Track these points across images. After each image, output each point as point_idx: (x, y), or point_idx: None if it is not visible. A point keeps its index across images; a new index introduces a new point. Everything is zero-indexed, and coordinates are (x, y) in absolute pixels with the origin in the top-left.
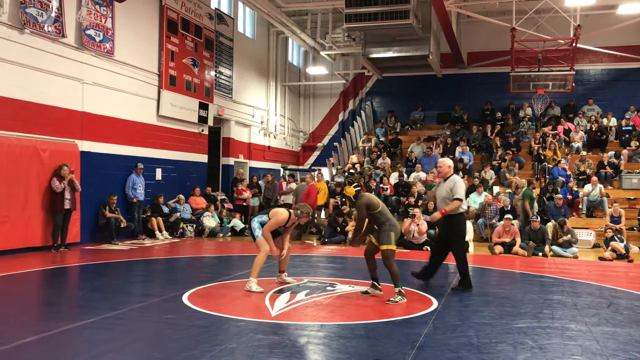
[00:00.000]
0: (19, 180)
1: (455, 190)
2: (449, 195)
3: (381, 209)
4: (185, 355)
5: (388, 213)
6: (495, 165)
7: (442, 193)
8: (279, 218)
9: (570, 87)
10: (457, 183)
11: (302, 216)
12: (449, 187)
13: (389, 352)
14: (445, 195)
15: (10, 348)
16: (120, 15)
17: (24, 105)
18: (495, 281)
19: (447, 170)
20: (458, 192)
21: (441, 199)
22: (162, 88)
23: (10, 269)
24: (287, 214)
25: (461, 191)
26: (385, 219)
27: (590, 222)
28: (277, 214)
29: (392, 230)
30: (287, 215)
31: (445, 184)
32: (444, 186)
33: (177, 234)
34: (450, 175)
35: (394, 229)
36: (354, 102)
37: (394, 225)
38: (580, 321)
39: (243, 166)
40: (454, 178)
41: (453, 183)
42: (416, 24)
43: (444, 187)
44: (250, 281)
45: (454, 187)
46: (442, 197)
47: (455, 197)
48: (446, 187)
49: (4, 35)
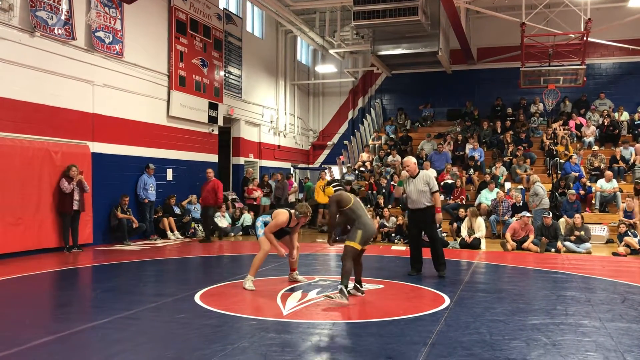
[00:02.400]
0: (32, 182)
1: (433, 184)
2: (426, 189)
3: (352, 206)
4: (198, 355)
5: (360, 211)
6: (506, 161)
7: (419, 187)
8: (279, 220)
9: (582, 82)
10: (430, 177)
11: (301, 216)
12: (425, 182)
13: (401, 350)
14: (422, 188)
15: (26, 348)
16: (130, 17)
17: (36, 107)
18: (507, 278)
19: (414, 167)
20: (435, 186)
21: (418, 193)
22: (172, 89)
23: (25, 270)
24: (287, 215)
25: (436, 183)
26: (355, 216)
27: (604, 217)
28: (278, 216)
29: (360, 228)
30: (288, 216)
31: (418, 179)
32: (417, 181)
33: (188, 234)
34: (418, 172)
35: (364, 227)
36: (364, 100)
37: (364, 224)
38: (594, 317)
39: (253, 165)
40: (426, 172)
41: (428, 177)
42: (425, 20)
43: (418, 182)
44: (247, 278)
45: (431, 181)
46: (420, 190)
47: (434, 190)
48: (421, 182)
49: (15, 39)
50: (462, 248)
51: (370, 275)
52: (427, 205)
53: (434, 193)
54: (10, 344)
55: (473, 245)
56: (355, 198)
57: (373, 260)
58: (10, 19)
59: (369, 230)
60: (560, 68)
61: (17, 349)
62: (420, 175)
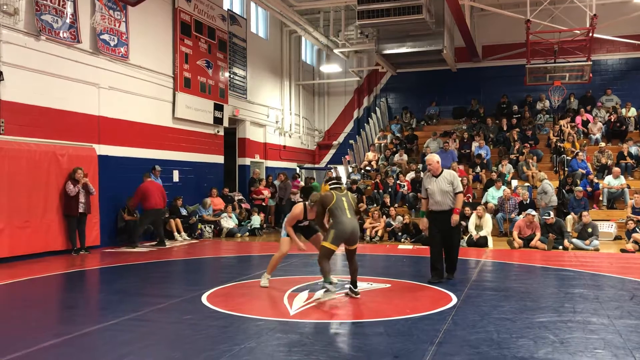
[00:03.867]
0: (39, 185)
1: (457, 184)
2: (450, 189)
3: (332, 207)
4: (205, 356)
5: (338, 211)
6: (512, 158)
7: (442, 187)
8: (295, 212)
9: (588, 78)
10: (455, 176)
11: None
12: (448, 182)
13: (409, 348)
14: (446, 189)
15: (34, 351)
16: (134, 19)
17: (43, 111)
18: (515, 275)
19: (437, 166)
20: (460, 185)
21: (441, 193)
22: (177, 90)
23: (32, 273)
24: (302, 207)
25: (460, 183)
26: (333, 216)
27: (612, 214)
28: (293, 209)
29: (334, 228)
30: (302, 207)
31: (441, 179)
32: (441, 180)
33: (195, 235)
34: (442, 171)
35: (338, 227)
36: (369, 99)
37: (338, 223)
38: (602, 314)
39: (259, 166)
40: (451, 172)
41: (452, 177)
42: (429, 18)
43: (441, 181)
44: (264, 276)
45: (454, 181)
46: (443, 190)
47: (457, 190)
48: (444, 181)
49: (21, 43)
50: (469, 246)
51: (377, 274)
52: (452, 207)
53: (457, 194)
54: (19, 346)
55: (480, 244)
56: (338, 197)
57: (380, 259)
58: (15, 23)
59: (343, 230)
60: (566, 65)
61: (25, 351)
62: (444, 175)
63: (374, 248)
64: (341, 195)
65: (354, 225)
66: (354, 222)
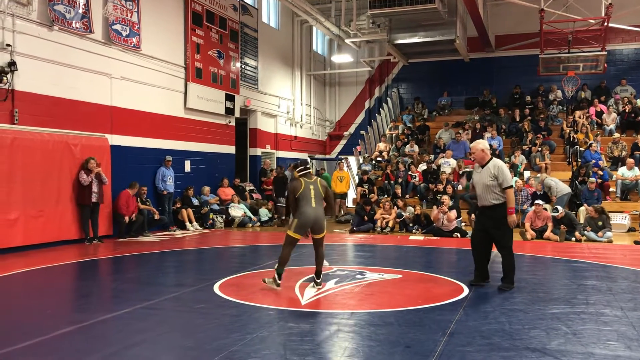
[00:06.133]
0: (52, 175)
1: (503, 178)
2: (493, 183)
3: (299, 195)
4: (217, 344)
5: (304, 200)
6: (525, 149)
7: (484, 180)
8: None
9: (602, 68)
10: (501, 168)
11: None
12: (492, 175)
13: (420, 339)
14: (488, 182)
15: (48, 338)
16: (146, 10)
17: (56, 101)
18: (527, 267)
19: (482, 155)
20: (507, 179)
21: (484, 187)
22: (189, 81)
23: (46, 261)
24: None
25: (510, 176)
26: (299, 204)
27: (625, 205)
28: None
29: (297, 217)
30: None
31: (485, 170)
32: (484, 173)
33: (207, 224)
34: (490, 159)
35: (300, 216)
36: (380, 90)
37: (301, 213)
38: (615, 306)
39: (270, 156)
40: (496, 163)
41: (497, 169)
42: (442, 8)
43: (485, 174)
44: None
45: (500, 174)
46: (485, 184)
47: (505, 186)
48: (487, 174)
49: (34, 33)
50: None
51: (389, 264)
52: (495, 204)
53: (506, 189)
54: (34, 334)
55: None
56: (306, 185)
57: (391, 250)
58: (29, 14)
59: (304, 219)
60: (580, 54)
61: (40, 339)
62: (489, 165)
63: (385, 239)
64: (309, 183)
65: (317, 214)
66: (317, 211)
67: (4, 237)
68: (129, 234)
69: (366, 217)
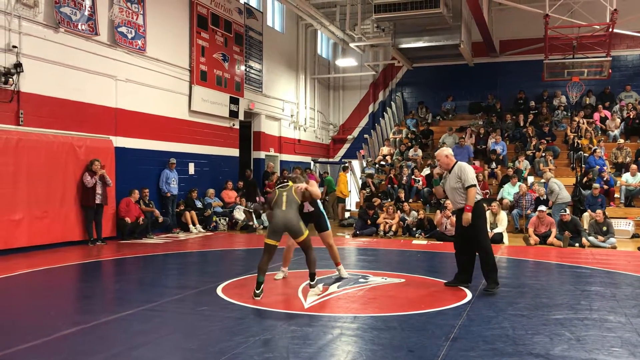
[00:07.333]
0: (56, 176)
1: (465, 177)
2: (458, 185)
3: (273, 204)
4: (221, 347)
5: (275, 206)
6: (529, 155)
7: (452, 184)
8: None
9: (607, 74)
10: (463, 169)
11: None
12: (457, 177)
13: (423, 343)
14: (454, 185)
15: (51, 339)
16: (151, 12)
17: (61, 103)
18: (530, 272)
19: (447, 161)
20: (469, 178)
21: (452, 191)
22: (194, 83)
23: (50, 262)
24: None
25: (472, 175)
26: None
27: (629, 211)
28: None
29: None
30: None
31: (452, 174)
32: (451, 177)
33: (210, 227)
34: (454, 163)
35: (271, 221)
36: (384, 94)
37: (272, 217)
38: (619, 312)
39: (274, 160)
40: (459, 165)
41: (460, 170)
42: (447, 12)
43: (451, 178)
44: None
45: (462, 174)
46: (452, 187)
47: (467, 184)
48: (454, 177)
49: (40, 35)
50: None
51: (392, 269)
52: (463, 205)
53: (468, 188)
54: (37, 335)
55: (495, 240)
56: (279, 193)
57: (394, 254)
58: (35, 15)
59: (274, 223)
60: (585, 60)
61: (43, 340)
62: (455, 169)
63: (388, 243)
64: (283, 191)
65: (286, 217)
66: (287, 214)
67: (8, 238)
68: (132, 236)
69: (369, 221)
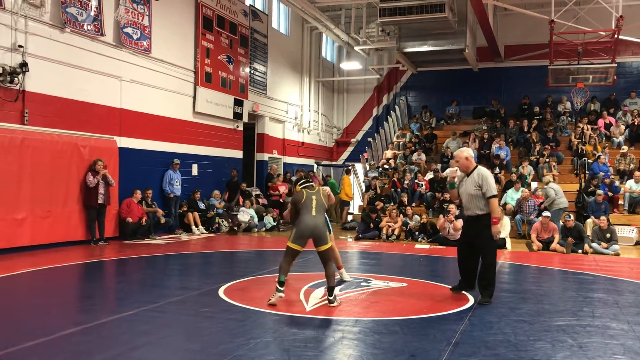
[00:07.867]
0: (60, 175)
1: (487, 187)
2: (477, 193)
3: (300, 206)
4: (222, 348)
5: (304, 209)
6: (533, 160)
7: (469, 190)
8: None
9: (612, 80)
10: (484, 177)
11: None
12: (476, 184)
13: (425, 348)
14: (472, 192)
15: (53, 339)
16: (157, 13)
17: (66, 102)
18: (533, 278)
19: (466, 163)
20: (491, 188)
21: (469, 197)
22: (198, 85)
23: (52, 262)
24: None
25: (494, 185)
26: (300, 215)
27: (633, 218)
28: None
29: (296, 226)
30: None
31: (470, 179)
32: (469, 182)
33: (212, 228)
34: (474, 167)
35: (299, 225)
36: (388, 97)
37: (300, 222)
38: (622, 320)
39: (277, 162)
40: (480, 171)
41: (481, 178)
42: (452, 17)
43: (469, 183)
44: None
45: (484, 183)
46: (470, 194)
47: (488, 195)
48: (472, 183)
49: (46, 35)
50: None
51: (394, 273)
52: (479, 214)
53: (490, 198)
54: (39, 334)
55: (498, 245)
56: (308, 196)
57: (396, 258)
58: (41, 15)
59: (303, 228)
60: (590, 66)
61: (45, 339)
62: (474, 174)
63: (391, 247)
64: (312, 194)
65: (315, 223)
66: (316, 220)
67: (11, 237)
68: (135, 236)
69: (372, 224)
